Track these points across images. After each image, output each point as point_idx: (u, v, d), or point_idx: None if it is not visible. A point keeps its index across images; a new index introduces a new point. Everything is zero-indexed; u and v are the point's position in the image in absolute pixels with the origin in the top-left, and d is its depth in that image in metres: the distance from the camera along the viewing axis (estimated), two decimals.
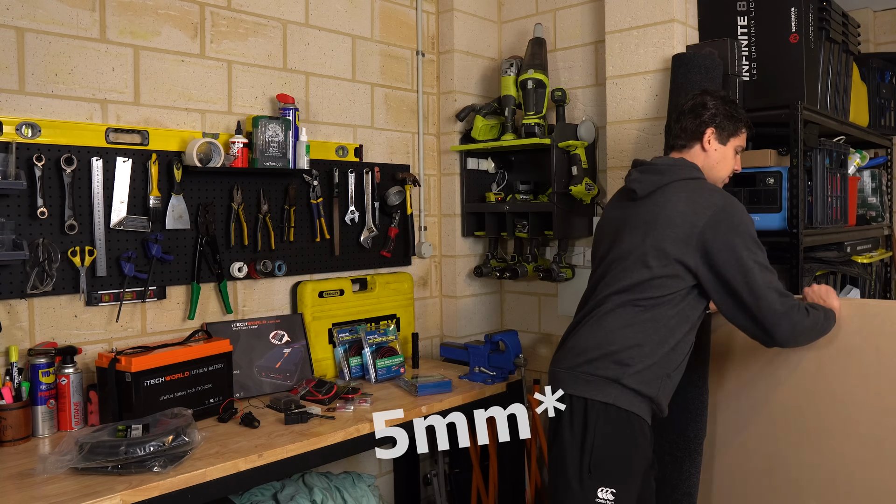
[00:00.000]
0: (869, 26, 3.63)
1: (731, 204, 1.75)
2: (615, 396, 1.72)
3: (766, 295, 1.69)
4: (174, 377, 2.02)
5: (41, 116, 2.01)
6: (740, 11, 2.41)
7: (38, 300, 2.01)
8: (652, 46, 2.49)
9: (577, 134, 2.78)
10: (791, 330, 1.72)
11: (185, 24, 2.32)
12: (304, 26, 2.66)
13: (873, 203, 3.11)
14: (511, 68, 2.89)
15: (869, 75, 3.03)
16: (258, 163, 2.37)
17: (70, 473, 1.64)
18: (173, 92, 2.30)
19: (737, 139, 1.91)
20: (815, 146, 2.33)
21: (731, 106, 1.90)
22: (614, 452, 1.72)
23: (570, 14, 2.96)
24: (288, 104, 2.49)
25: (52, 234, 2.01)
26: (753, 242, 1.73)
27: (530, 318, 3.13)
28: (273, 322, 2.47)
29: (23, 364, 1.95)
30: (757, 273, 1.69)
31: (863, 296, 2.79)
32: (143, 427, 1.75)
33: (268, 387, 2.37)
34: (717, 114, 1.88)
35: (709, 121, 1.88)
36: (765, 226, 2.29)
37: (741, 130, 1.91)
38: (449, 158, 3.12)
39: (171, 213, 2.24)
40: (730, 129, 1.89)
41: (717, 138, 1.88)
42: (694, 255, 1.72)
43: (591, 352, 1.78)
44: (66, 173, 2.01)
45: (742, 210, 1.76)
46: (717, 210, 1.73)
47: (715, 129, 1.88)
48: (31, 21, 2.00)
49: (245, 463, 1.78)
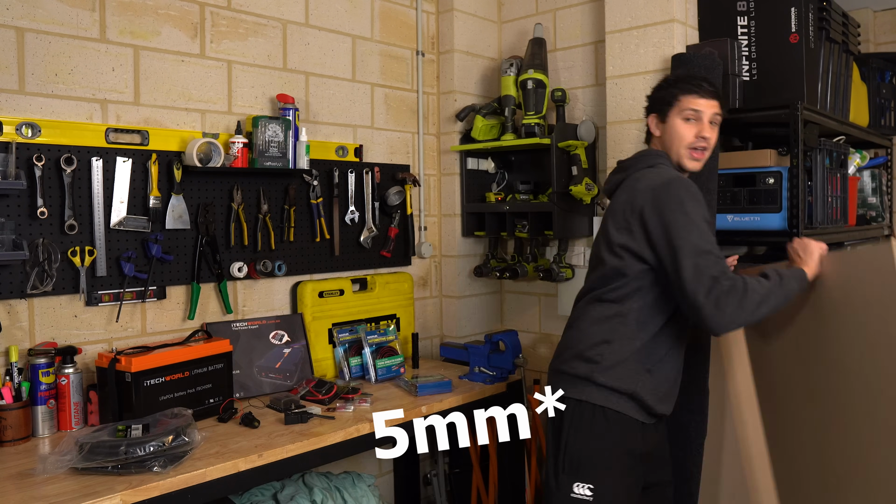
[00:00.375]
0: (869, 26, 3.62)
1: (671, 183, 1.71)
2: (588, 394, 1.74)
3: (691, 277, 1.60)
4: (174, 377, 2.02)
5: (41, 116, 2.01)
6: (740, 11, 2.41)
7: (38, 300, 2.01)
8: (652, 46, 2.49)
9: (577, 134, 2.78)
10: (720, 318, 1.59)
11: (185, 24, 2.32)
12: (304, 26, 2.66)
13: (873, 203, 3.11)
14: (511, 68, 2.89)
15: (869, 75, 3.03)
16: (258, 163, 2.36)
17: (70, 473, 1.64)
18: (173, 92, 2.30)
19: (676, 109, 1.84)
20: (815, 146, 2.33)
21: (659, 85, 1.92)
22: (588, 448, 1.73)
23: (570, 14, 2.96)
24: (288, 104, 2.49)
25: (52, 234, 2.01)
26: (689, 222, 1.65)
27: (530, 318, 3.13)
28: (273, 322, 2.47)
29: (23, 364, 1.95)
30: (685, 252, 1.62)
31: None
32: (143, 427, 1.75)
33: (268, 387, 2.37)
34: (650, 102, 1.92)
35: (646, 111, 1.93)
36: (765, 226, 2.29)
37: (676, 99, 1.84)
38: (449, 158, 3.12)
39: (171, 213, 2.24)
40: (664, 106, 1.86)
41: (658, 120, 1.88)
42: (638, 238, 1.72)
43: (565, 352, 1.84)
44: (66, 173, 2.01)
45: (684, 189, 1.70)
46: (656, 189, 1.71)
47: (653, 115, 1.90)
48: (31, 21, 2.00)
49: (245, 463, 1.78)
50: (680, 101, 1.83)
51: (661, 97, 1.87)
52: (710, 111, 1.83)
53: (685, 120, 1.83)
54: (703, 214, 1.69)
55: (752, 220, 2.31)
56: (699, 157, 1.84)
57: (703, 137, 1.81)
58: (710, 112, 1.83)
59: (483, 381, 2.52)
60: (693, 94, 1.82)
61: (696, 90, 1.82)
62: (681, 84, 1.85)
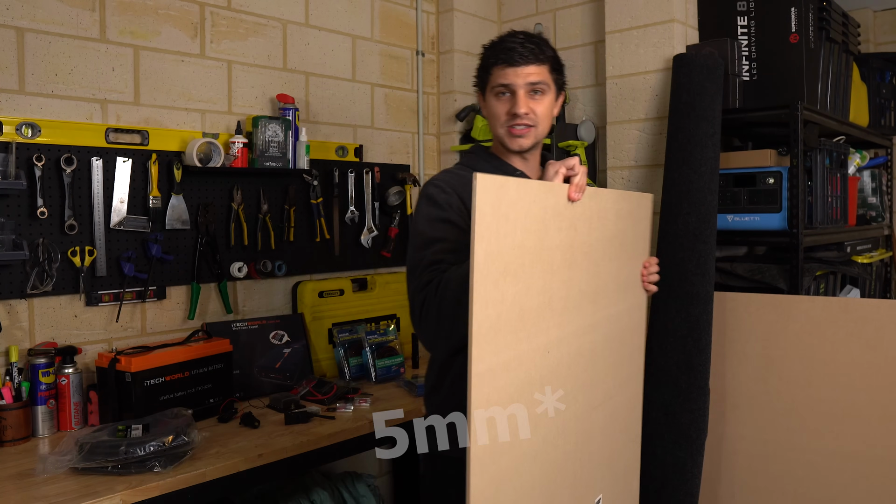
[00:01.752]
0: (869, 26, 3.62)
1: (425, 184, 1.52)
2: None
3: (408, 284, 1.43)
4: (174, 377, 2.02)
5: (41, 116, 2.01)
6: (740, 11, 2.41)
7: (38, 300, 2.01)
8: (652, 46, 2.49)
9: (577, 134, 2.78)
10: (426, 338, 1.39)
11: (185, 24, 2.32)
12: (304, 26, 2.66)
13: (873, 203, 3.11)
14: None
15: (869, 75, 3.03)
16: (258, 163, 2.36)
17: (70, 473, 1.64)
18: (173, 92, 2.30)
19: (489, 85, 1.55)
20: (815, 146, 2.33)
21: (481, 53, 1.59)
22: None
23: (570, 14, 2.96)
24: (288, 104, 2.49)
25: (52, 234, 2.01)
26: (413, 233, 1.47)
27: None
28: (273, 322, 2.47)
29: (23, 364, 1.95)
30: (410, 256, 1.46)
31: (863, 296, 2.79)
32: (143, 427, 1.75)
33: (268, 387, 2.37)
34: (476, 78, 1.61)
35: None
36: (765, 226, 2.29)
37: (488, 73, 1.54)
38: (449, 158, 3.12)
39: (171, 213, 2.24)
40: (481, 81, 1.58)
41: (482, 98, 1.59)
42: None
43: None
44: (66, 173, 2.01)
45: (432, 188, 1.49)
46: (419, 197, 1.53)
47: (478, 93, 1.60)
48: (31, 21, 2.00)
49: (245, 463, 1.77)
50: (491, 74, 1.53)
51: (479, 69, 1.57)
52: (525, 81, 1.49)
53: (497, 96, 1.53)
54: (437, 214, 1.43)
55: (752, 220, 2.31)
56: (522, 132, 1.52)
57: (516, 114, 1.50)
58: (524, 82, 1.49)
59: None
60: (502, 65, 1.50)
61: (505, 59, 1.49)
62: (490, 52, 1.54)
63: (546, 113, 1.54)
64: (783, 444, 2.01)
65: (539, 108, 1.51)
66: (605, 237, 1.44)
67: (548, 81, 1.52)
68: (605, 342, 1.51)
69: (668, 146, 2.24)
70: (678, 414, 2.01)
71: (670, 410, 2.04)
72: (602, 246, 1.43)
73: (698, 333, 2.04)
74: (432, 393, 1.59)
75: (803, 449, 1.98)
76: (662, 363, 2.07)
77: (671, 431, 2.04)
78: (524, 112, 1.49)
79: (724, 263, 2.39)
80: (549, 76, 1.52)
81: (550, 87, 1.54)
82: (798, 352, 2.02)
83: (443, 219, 1.42)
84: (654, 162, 2.49)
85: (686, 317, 2.06)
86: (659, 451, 2.04)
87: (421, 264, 1.38)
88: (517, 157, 1.58)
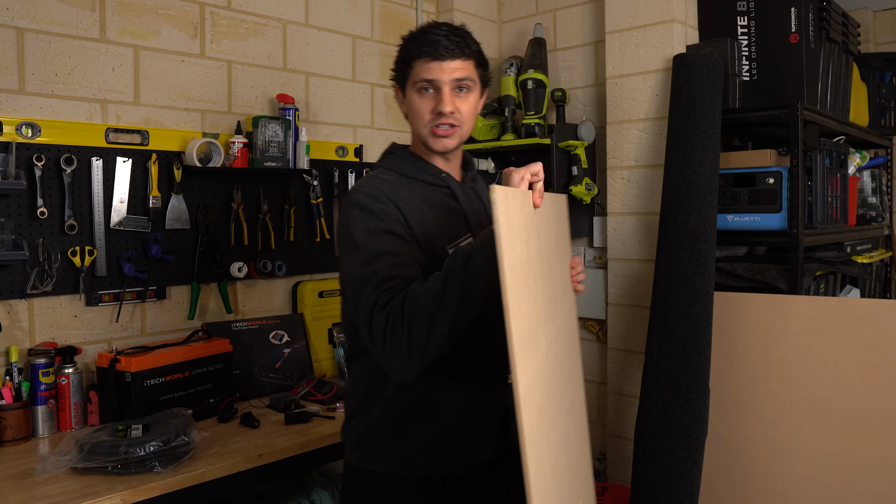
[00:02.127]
0: (869, 26, 3.62)
1: (351, 192, 1.39)
2: None
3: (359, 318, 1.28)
4: (174, 377, 2.02)
5: (41, 116, 2.01)
6: (740, 11, 2.41)
7: (38, 300, 2.01)
8: (652, 46, 2.49)
9: (577, 134, 2.78)
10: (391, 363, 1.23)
11: (185, 24, 2.32)
12: (304, 26, 2.66)
13: (873, 203, 3.11)
14: (511, 68, 2.89)
15: (869, 75, 3.03)
16: (258, 163, 2.36)
17: (70, 473, 1.64)
18: (173, 92, 2.30)
19: (410, 80, 1.42)
20: (815, 146, 2.33)
21: (400, 44, 1.47)
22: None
23: (570, 14, 2.96)
24: (288, 104, 2.49)
25: (52, 234, 2.01)
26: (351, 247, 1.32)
27: None
28: (273, 322, 2.47)
29: (23, 364, 1.95)
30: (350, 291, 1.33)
31: (863, 296, 2.79)
32: (143, 427, 1.75)
33: (268, 387, 2.37)
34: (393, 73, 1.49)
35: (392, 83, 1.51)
36: (765, 226, 2.29)
37: (409, 66, 1.41)
38: None
39: (171, 213, 2.24)
40: (400, 75, 1.46)
41: (400, 94, 1.48)
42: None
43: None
44: (66, 173, 2.01)
45: (360, 194, 1.36)
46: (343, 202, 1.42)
47: (396, 87, 1.49)
48: (31, 21, 2.00)
49: (245, 463, 1.77)
50: (413, 68, 1.41)
51: (399, 62, 1.45)
52: (450, 77, 1.38)
53: (419, 92, 1.41)
54: (377, 225, 1.31)
55: (752, 220, 2.31)
56: (446, 133, 1.41)
57: (441, 113, 1.39)
58: (450, 78, 1.38)
59: None
60: (426, 58, 1.38)
61: (429, 52, 1.37)
62: (412, 44, 1.41)
63: (471, 112, 1.44)
64: (783, 444, 2.01)
65: (465, 106, 1.41)
66: (551, 242, 1.42)
67: (474, 78, 1.43)
68: (566, 348, 1.50)
69: (668, 146, 2.25)
70: (678, 413, 2.01)
71: (670, 410, 2.04)
72: (552, 250, 1.41)
73: (698, 333, 2.04)
74: (357, 416, 1.45)
75: (803, 449, 1.98)
76: (662, 363, 2.08)
77: (671, 431, 2.04)
78: (449, 111, 1.38)
79: (724, 263, 2.39)
80: (475, 72, 1.43)
81: (476, 83, 1.44)
82: (798, 352, 2.02)
83: (383, 230, 1.31)
84: (654, 162, 2.49)
85: (686, 317, 2.06)
86: (659, 451, 2.04)
87: (371, 281, 1.25)
88: (440, 157, 1.47)
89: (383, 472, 1.42)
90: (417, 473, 1.42)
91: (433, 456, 1.41)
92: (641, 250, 2.54)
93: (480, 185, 1.60)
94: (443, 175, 1.47)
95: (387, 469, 1.42)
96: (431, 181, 1.45)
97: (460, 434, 1.42)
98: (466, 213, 1.45)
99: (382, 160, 1.53)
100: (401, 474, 1.42)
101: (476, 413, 1.44)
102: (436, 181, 1.46)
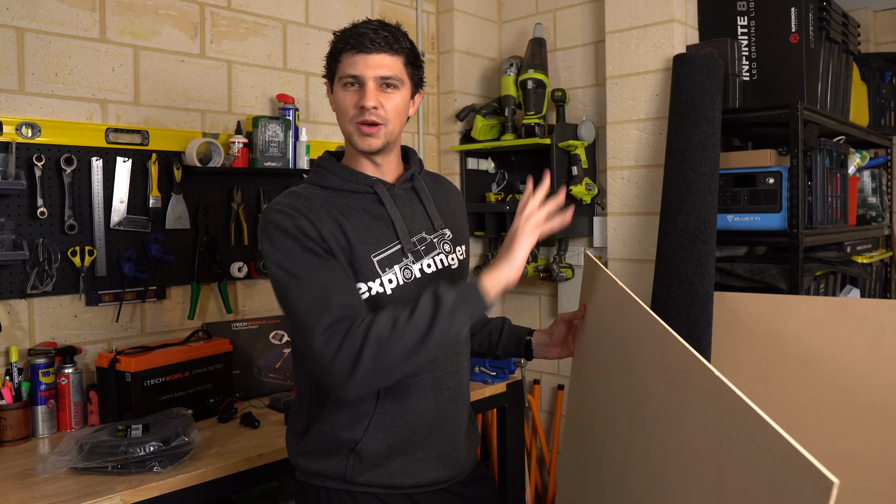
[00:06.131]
0: (869, 26, 3.62)
1: (269, 213, 1.33)
2: None
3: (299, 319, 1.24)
4: (174, 377, 2.02)
5: (41, 116, 2.01)
6: (740, 11, 2.41)
7: (38, 300, 2.01)
8: (652, 46, 2.49)
9: (577, 134, 2.78)
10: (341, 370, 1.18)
11: (185, 24, 2.32)
12: (304, 26, 2.66)
13: (873, 203, 3.11)
14: (511, 68, 2.89)
15: (869, 75, 3.03)
16: (258, 163, 2.37)
17: (70, 473, 1.64)
18: (173, 92, 2.30)
19: (339, 74, 1.36)
20: (815, 146, 2.33)
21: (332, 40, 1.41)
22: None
23: (570, 14, 2.96)
24: (288, 104, 2.49)
25: (52, 234, 2.01)
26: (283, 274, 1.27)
27: (530, 318, 3.13)
28: (273, 322, 2.47)
29: (23, 364, 1.95)
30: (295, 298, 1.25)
31: (863, 296, 2.79)
32: (143, 427, 1.75)
33: (268, 387, 2.37)
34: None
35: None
36: (765, 226, 2.29)
37: (337, 60, 1.37)
38: (449, 158, 3.12)
39: (170, 213, 2.24)
40: (329, 70, 1.40)
41: (329, 90, 1.42)
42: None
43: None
44: (66, 173, 2.01)
45: (271, 225, 1.30)
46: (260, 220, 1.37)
47: (327, 84, 1.43)
48: (31, 21, 2.00)
49: (245, 463, 1.77)
50: (340, 62, 1.36)
51: (328, 57, 1.40)
52: (375, 72, 1.33)
53: (345, 87, 1.36)
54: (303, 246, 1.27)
55: (752, 220, 2.31)
56: (371, 131, 1.34)
57: (364, 107, 1.32)
58: (375, 74, 1.33)
59: (483, 381, 2.52)
60: (351, 51, 1.33)
61: (354, 45, 1.33)
62: (340, 38, 1.37)
63: (398, 110, 1.36)
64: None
65: (390, 103, 1.34)
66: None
67: (401, 76, 1.36)
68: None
69: (668, 146, 2.25)
70: None
71: None
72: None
73: (698, 333, 2.04)
74: (302, 435, 1.41)
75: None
76: None
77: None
78: (372, 105, 1.31)
79: (724, 263, 2.39)
80: (403, 70, 1.37)
81: (405, 82, 1.38)
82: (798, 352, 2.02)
83: (308, 249, 1.27)
84: (654, 162, 2.49)
85: (686, 317, 2.06)
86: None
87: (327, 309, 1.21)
88: (368, 162, 1.40)
89: (334, 487, 1.37)
90: (372, 492, 1.37)
91: (388, 475, 1.36)
92: (641, 250, 2.54)
93: (429, 180, 1.52)
94: (370, 181, 1.39)
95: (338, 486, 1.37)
96: (356, 189, 1.38)
97: (417, 451, 1.38)
98: (392, 219, 1.38)
99: (309, 172, 1.47)
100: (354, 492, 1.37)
101: (434, 429, 1.40)
102: (361, 188, 1.38)
